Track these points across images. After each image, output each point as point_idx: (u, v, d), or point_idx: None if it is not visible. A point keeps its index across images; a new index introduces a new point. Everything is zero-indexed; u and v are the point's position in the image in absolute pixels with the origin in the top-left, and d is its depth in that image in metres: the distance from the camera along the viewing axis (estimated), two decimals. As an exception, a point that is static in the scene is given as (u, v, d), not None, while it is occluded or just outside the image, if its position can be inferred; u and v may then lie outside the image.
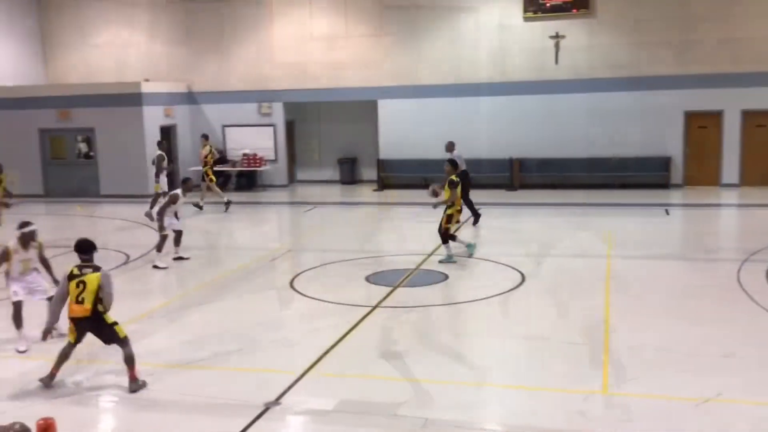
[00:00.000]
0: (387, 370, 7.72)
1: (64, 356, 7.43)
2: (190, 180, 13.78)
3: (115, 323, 7.41)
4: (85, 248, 7.53)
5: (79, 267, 7.40)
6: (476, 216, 15.84)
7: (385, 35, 22.19)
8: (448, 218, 12.35)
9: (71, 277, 7.33)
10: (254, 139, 23.14)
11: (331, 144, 23.81)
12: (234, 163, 23.07)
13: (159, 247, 12.82)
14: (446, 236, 12.43)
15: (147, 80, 22.52)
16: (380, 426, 6.41)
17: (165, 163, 17.78)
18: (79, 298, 7.24)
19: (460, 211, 12.74)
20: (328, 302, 10.30)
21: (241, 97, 23.16)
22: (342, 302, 10.22)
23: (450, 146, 16.33)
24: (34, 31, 24.15)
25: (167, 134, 22.45)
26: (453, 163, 12.79)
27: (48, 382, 7.36)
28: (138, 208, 17.94)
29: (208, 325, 9.64)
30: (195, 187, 15.08)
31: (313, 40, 22.67)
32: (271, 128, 23.16)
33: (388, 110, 22.28)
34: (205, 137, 20.26)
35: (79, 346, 7.45)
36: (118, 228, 17.03)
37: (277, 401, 6.95)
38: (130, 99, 21.38)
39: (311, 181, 23.96)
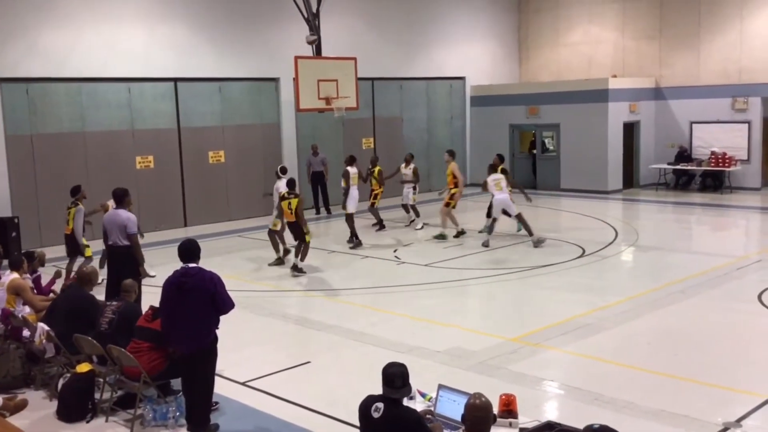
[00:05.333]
0: None
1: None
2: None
3: None
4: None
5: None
6: None
7: None
8: None
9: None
10: (724, 137, 21.48)
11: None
12: (699, 162, 21.72)
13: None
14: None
15: (614, 76, 22.52)
16: None
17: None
18: None
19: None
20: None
21: (712, 92, 21.61)
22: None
23: None
24: (512, 34, 26.04)
25: (630, 131, 22.22)
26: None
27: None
28: (595, 203, 17.95)
29: (663, 329, 9.29)
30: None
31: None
32: (746, 125, 21.17)
33: None
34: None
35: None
36: (575, 221, 17.44)
37: (737, 423, 6.37)
38: (596, 95, 21.63)
39: (790, 185, 21.29)
